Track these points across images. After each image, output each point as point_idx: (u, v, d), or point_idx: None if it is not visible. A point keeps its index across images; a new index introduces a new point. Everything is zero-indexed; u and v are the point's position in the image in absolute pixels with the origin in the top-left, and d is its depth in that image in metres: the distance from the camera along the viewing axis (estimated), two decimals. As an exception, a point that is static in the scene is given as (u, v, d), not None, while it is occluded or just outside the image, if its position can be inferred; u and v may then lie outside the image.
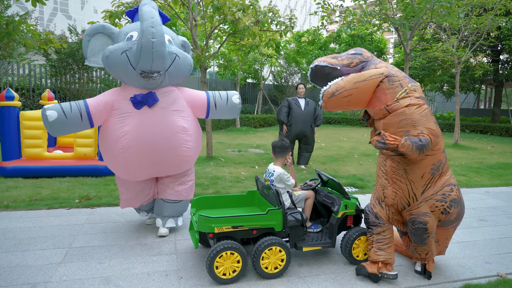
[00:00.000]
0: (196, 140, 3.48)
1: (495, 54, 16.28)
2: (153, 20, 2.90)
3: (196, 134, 3.47)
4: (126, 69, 3.08)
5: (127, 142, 3.12)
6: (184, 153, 3.35)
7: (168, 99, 3.30)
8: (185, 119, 3.33)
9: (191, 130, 3.38)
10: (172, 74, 3.25)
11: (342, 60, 2.86)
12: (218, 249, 2.66)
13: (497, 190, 5.99)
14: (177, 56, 3.20)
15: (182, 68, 3.28)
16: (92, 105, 3.14)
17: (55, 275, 2.77)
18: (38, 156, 5.84)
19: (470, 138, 14.60)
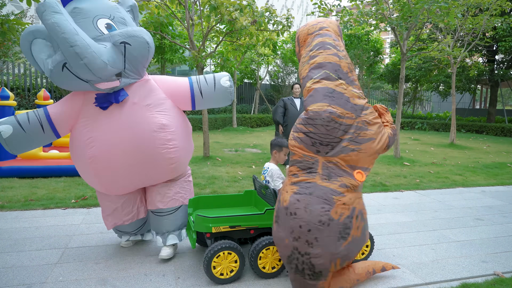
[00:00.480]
0: (183, 138, 2.94)
1: (491, 54, 16.37)
2: (66, 37, 2.26)
3: (182, 131, 2.92)
4: (78, 83, 2.53)
5: (94, 150, 2.65)
6: (167, 155, 2.79)
7: (141, 92, 2.77)
8: (164, 114, 2.79)
9: (174, 126, 2.82)
10: (132, 67, 2.67)
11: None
12: (215, 249, 2.65)
13: (493, 189, 6.02)
14: (125, 44, 2.55)
15: (139, 54, 2.64)
16: (54, 112, 2.69)
17: (51, 276, 2.75)
18: (34, 156, 5.81)
19: (466, 137, 14.68)
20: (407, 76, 19.02)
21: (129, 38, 2.56)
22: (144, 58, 2.71)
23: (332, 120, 2.40)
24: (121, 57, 2.56)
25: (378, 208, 4.76)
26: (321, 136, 2.41)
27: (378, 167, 7.51)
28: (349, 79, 2.53)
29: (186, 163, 3.09)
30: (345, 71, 2.53)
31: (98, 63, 2.38)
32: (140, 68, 2.75)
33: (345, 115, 2.42)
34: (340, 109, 2.42)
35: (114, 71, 2.55)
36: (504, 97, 33.40)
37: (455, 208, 4.89)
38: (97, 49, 2.37)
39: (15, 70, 12.11)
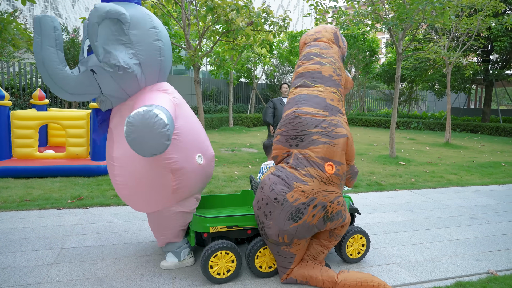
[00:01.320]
0: (133, 174, 2.58)
1: (485, 54, 16.48)
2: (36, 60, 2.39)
3: (131, 167, 2.58)
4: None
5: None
6: (117, 190, 2.71)
7: (117, 118, 2.71)
8: (118, 144, 2.65)
9: (122, 161, 2.59)
10: (111, 91, 2.61)
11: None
12: (213, 248, 2.66)
13: (487, 188, 6.07)
14: (93, 72, 2.52)
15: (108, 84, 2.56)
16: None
17: (47, 276, 2.75)
18: (29, 156, 5.78)
19: (461, 137, 14.78)
20: (402, 76, 19.11)
21: (97, 67, 2.50)
22: (120, 83, 2.57)
23: (296, 117, 2.72)
24: (94, 82, 2.55)
25: (373, 208, 4.79)
26: (289, 131, 2.73)
27: (374, 167, 7.56)
28: (331, 82, 2.83)
29: (147, 203, 2.72)
30: (327, 75, 2.84)
31: (57, 91, 2.47)
32: (121, 90, 2.63)
33: (315, 112, 2.71)
34: (309, 108, 2.72)
35: (87, 96, 2.59)
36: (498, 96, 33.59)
37: (450, 207, 4.93)
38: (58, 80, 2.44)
39: (10, 70, 12.04)
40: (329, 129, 2.66)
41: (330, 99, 2.77)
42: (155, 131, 2.13)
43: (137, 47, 2.56)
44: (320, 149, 2.61)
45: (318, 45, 2.96)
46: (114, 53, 2.44)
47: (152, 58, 2.65)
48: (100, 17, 2.38)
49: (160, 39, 2.67)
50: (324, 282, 2.69)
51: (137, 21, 2.56)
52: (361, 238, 3.11)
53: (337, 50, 2.97)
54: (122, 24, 2.48)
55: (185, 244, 2.98)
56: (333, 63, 2.88)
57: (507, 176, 7.09)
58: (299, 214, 2.55)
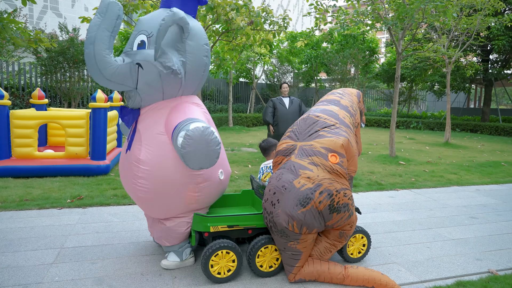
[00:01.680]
0: (158, 178, 2.61)
1: (485, 53, 16.49)
2: (87, 37, 2.44)
3: (164, 174, 2.61)
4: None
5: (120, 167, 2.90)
6: (137, 193, 2.71)
7: (149, 120, 2.74)
8: (148, 148, 2.64)
9: (149, 164, 2.61)
10: (148, 90, 2.66)
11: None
12: (214, 247, 2.65)
13: (487, 188, 6.07)
14: (139, 66, 2.58)
15: (151, 80, 2.61)
16: None
17: (47, 276, 2.74)
18: (29, 156, 5.77)
19: (461, 136, 14.78)
20: (402, 75, 19.11)
21: (146, 63, 2.57)
22: (165, 84, 2.65)
23: (309, 118, 2.94)
24: (134, 76, 2.61)
25: (373, 207, 4.79)
26: (301, 127, 2.92)
27: (374, 166, 7.55)
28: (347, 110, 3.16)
29: (163, 209, 2.75)
30: (344, 104, 3.19)
31: (95, 73, 2.49)
32: (160, 92, 2.69)
33: (327, 117, 2.93)
34: (321, 114, 2.96)
35: (120, 87, 2.62)
36: (498, 96, 33.62)
37: (450, 206, 4.93)
38: (101, 62, 2.46)
39: (9, 69, 12.02)
40: (337, 131, 2.85)
41: (343, 116, 3.02)
42: (211, 147, 2.33)
43: (188, 57, 2.69)
44: (325, 141, 2.76)
45: (342, 90, 3.42)
46: (170, 56, 2.58)
47: (197, 71, 2.78)
48: (174, 22, 2.53)
49: (208, 56, 2.85)
50: (333, 278, 2.74)
51: (195, 34, 2.73)
52: (362, 237, 3.11)
53: (356, 101, 3.36)
54: (183, 33, 2.64)
55: (186, 244, 2.97)
56: (352, 103, 3.25)
57: (506, 175, 7.10)
58: (307, 199, 2.60)
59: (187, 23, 2.61)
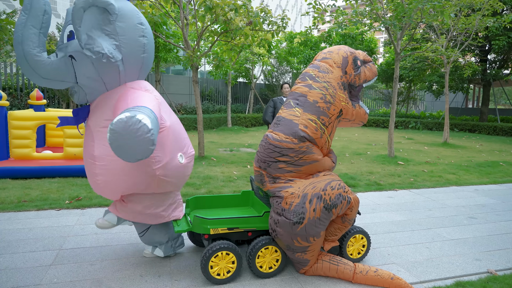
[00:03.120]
0: (115, 172, 2.54)
1: (483, 54, 16.52)
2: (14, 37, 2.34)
3: (114, 165, 2.53)
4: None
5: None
6: (97, 188, 2.67)
7: (98, 112, 2.60)
8: (99, 143, 2.55)
9: (105, 159, 2.53)
10: (85, 82, 2.54)
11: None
12: (214, 248, 2.65)
13: (485, 188, 6.08)
14: (71, 58, 2.45)
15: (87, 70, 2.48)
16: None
17: (45, 278, 2.73)
18: (27, 157, 5.75)
19: (459, 136, 14.81)
20: (400, 75, 19.14)
21: (77, 53, 2.42)
22: (102, 73, 2.50)
23: (267, 143, 2.78)
24: (70, 70, 2.48)
25: (372, 207, 4.79)
26: (262, 154, 2.82)
27: (373, 166, 7.56)
28: (313, 108, 2.79)
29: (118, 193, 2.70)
30: (311, 100, 2.80)
31: (30, 74, 2.40)
32: (101, 82, 2.55)
33: (284, 138, 2.71)
34: (280, 134, 2.75)
35: (61, 83, 2.51)
36: (496, 96, 33.72)
37: (448, 206, 4.93)
38: (33, 62, 2.36)
39: (7, 70, 11.98)
40: (296, 158, 2.71)
41: (304, 125, 2.74)
42: (139, 137, 2.09)
43: (122, 40, 2.49)
44: (287, 176, 2.76)
45: (318, 66, 2.94)
46: (98, 40, 2.37)
47: (135, 53, 2.59)
48: (87, 3, 2.32)
49: (145, 36, 2.63)
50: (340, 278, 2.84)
51: (125, 14, 2.51)
52: (362, 238, 3.11)
53: (338, 76, 2.89)
54: (109, 15, 2.42)
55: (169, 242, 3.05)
56: (325, 89, 2.83)
57: (505, 175, 7.11)
58: (300, 215, 2.62)
59: (109, 4, 2.39)
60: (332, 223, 2.92)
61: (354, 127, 3.30)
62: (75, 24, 2.31)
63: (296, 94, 2.88)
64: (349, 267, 2.82)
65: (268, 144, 2.77)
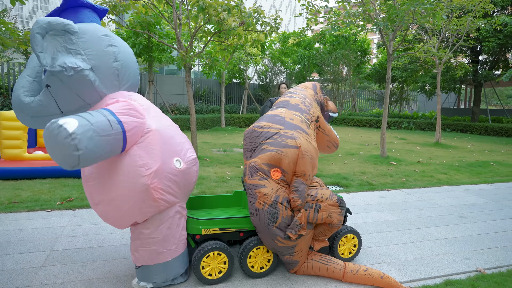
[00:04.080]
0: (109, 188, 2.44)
1: (474, 55, 16.70)
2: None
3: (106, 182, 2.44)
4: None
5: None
6: (96, 211, 2.58)
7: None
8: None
9: (95, 178, 2.49)
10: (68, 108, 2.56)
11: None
12: (205, 249, 2.66)
13: (476, 187, 6.15)
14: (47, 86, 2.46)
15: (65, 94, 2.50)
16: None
17: (35, 279, 2.71)
18: (18, 157, 5.70)
19: (451, 137, 14.95)
20: (393, 76, 19.28)
21: (47, 78, 2.40)
22: (76, 89, 2.48)
23: (253, 131, 2.91)
24: (52, 101, 2.49)
25: (364, 207, 4.82)
26: (247, 145, 2.93)
27: (365, 166, 7.61)
28: (296, 107, 3.08)
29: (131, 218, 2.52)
30: (293, 103, 3.13)
31: (18, 114, 2.51)
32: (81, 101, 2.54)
33: (270, 126, 2.86)
34: (266, 123, 2.90)
35: (49, 118, 2.53)
36: (487, 97, 34.05)
37: (439, 206, 4.98)
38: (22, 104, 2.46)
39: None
40: (279, 140, 2.76)
41: (290, 118, 2.92)
42: (59, 142, 2.05)
43: (87, 53, 2.51)
44: (266, 156, 2.74)
45: (296, 88, 3.44)
46: (61, 58, 2.39)
47: (105, 62, 2.58)
48: (42, 28, 2.33)
49: (113, 45, 2.64)
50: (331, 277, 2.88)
51: (86, 29, 2.55)
52: (353, 238, 3.13)
53: (311, 94, 3.35)
54: (70, 34, 2.44)
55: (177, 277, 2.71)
56: (303, 98, 3.21)
57: (495, 175, 7.20)
58: (274, 215, 2.66)
59: (66, 24, 2.40)
60: (321, 224, 2.94)
61: (329, 153, 3.54)
62: (35, 50, 2.32)
63: (280, 103, 3.17)
64: (339, 266, 2.84)
65: (254, 132, 2.90)
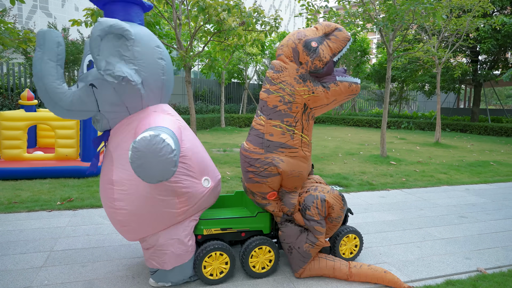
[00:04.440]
0: (136, 198, 2.43)
1: (474, 55, 16.71)
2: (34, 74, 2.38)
3: (134, 190, 2.44)
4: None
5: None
6: (115, 216, 2.51)
7: (117, 139, 2.58)
8: (119, 167, 2.50)
9: (124, 184, 2.45)
10: (108, 109, 2.55)
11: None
12: (208, 248, 2.66)
13: (476, 187, 6.15)
14: (92, 86, 2.48)
15: (108, 98, 2.51)
16: None
17: (36, 280, 2.71)
18: (18, 157, 5.69)
19: (451, 136, 14.95)
20: (393, 76, 19.28)
21: (97, 81, 2.45)
22: (124, 98, 2.52)
23: (241, 154, 2.86)
24: (92, 98, 2.50)
25: (365, 207, 4.82)
26: (241, 164, 2.91)
27: (365, 166, 7.60)
28: (275, 113, 2.73)
29: (147, 230, 2.53)
30: (271, 106, 2.74)
31: (52, 107, 2.44)
32: (124, 107, 2.56)
33: (253, 149, 2.75)
34: (249, 144, 2.79)
35: (83, 114, 2.54)
36: (487, 96, 34.09)
37: (440, 206, 4.98)
38: (55, 95, 2.40)
39: (-2, 70, 11.84)
40: (261, 169, 2.73)
41: (269, 134, 2.72)
42: (162, 157, 2.05)
43: (140, 64, 2.52)
44: (256, 187, 2.80)
45: (273, 66, 2.82)
46: (118, 65, 2.41)
47: (155, 76, 2.60)
48: (103, 31, 2.36)
49: (163, 58, 2.67)
50: (336, 277, 2.88)
51: (141, 39, 2.55)
52: (355, 238, 3.13)
53: (293, 71, 2.74)
54: (126, 40, 2.46)
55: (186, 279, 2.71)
56: (282, 90, 2.72)
57: (495, 175, 7.20)
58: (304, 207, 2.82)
59: (125, 29, 2.43)
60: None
61: (347, 101, 3.43)
62: (93, 53, 2.35)
63: (261, 102, 2.84)
64: (344, 263, 2.88)
65: (241, 154, 2.85)
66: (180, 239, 2.58)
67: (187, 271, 2.66)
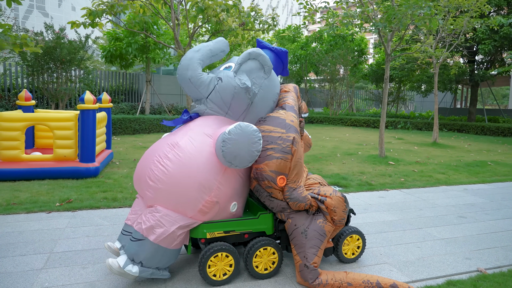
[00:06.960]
0: (182, 169, 2.59)
1: (471, 55, 16.78)
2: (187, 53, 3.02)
3: (187, 163, 2.60)
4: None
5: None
6: (154, 171, 2.64)
7: (202, 121, 2.91)
8: (190, 139, 2.73)
9: (183, 152, 2.64)
10: (217, 100, 2.96)
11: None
12: (215, 248, 2.66)
13: (474, 187, 6.18)
14: (219, 79, 2.93)
15: (224, 93, 2.91)
16: None
17: (36, 282, 2.69)
18: (16, 159, 5.66)
19: (448, 136, 15.01)
20: (390, 76, 19.34)
21: (226, 77, 2.93)
22: (225, 98, 2.94)
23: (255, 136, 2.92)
24: (211, 86, 2.96)
25: (364, 208, 4.83)
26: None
27: (364, 166, 7.62)
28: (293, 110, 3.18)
29: (163, 199, 2.61)
30: (290, 105, 3.21)
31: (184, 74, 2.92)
32: (226, 107, 2.98)
33: (272, 130, 2.94)
34: (267, 127, 2.97)
35: (195, 91, 2.97)
36: (484, 96, 34.20)
37: (439, 206, 5.00)
38: (193, 66, 2.90)
39: (-6, 70, 11.78)
40: (284, 145, 2.82)
41: (290, 120, 3.00)
42: (253, 139, 2.69)
43: (260, 92, 3.04)
44: (273, 163, 2.79)
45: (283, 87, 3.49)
46: (247, 78, 2.97)
47: (263, 107, 3.10)
48: (255, 55, 3.04)
49: (275, 102, 3.22)
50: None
51: (272, 80, 3.15)
52: (358, 239, 3.14)
53: (294, 96, 3.40)
54: (263, 72, 3.07)
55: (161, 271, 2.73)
56: (294, 100, 3.31)
57: (493, 174, 7.23)
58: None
59: (267, 64, 3.06)
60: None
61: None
62: (240, 60, 3.01)
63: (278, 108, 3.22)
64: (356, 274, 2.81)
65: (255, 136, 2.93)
66: (180, 225, 2.63)
67: (166, 260, 2.66)
